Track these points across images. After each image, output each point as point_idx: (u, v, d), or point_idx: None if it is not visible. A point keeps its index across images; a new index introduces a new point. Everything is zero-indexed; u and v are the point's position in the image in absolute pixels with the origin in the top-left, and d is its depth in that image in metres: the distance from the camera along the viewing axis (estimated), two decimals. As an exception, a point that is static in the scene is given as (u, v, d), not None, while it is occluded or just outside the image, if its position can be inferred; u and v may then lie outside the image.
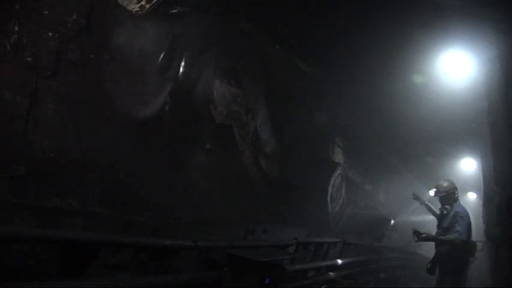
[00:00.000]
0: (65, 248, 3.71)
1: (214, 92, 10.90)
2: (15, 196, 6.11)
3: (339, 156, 15.43)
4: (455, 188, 7.84)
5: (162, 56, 9.44)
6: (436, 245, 7.74)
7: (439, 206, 7.77)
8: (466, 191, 18.98)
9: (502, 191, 7.91)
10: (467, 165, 16.51)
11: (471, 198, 19.00)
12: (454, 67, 9.18)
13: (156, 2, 8.53)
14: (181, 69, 9.96)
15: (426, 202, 8.32)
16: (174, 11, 9.18)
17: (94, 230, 4.72)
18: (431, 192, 7.82)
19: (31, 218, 4.65)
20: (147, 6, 8.52)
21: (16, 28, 7.20)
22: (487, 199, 10.35)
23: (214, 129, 10.65)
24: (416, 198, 8.37)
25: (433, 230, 8.00)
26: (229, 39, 10.44)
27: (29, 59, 7.38)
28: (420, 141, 15.04)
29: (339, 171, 15.01)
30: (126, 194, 7.47)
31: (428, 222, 10.53)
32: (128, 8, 8.43)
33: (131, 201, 7.45)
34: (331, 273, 8.63)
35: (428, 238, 7.62)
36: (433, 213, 8.12)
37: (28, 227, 3.59)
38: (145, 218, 6.91)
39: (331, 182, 14.45)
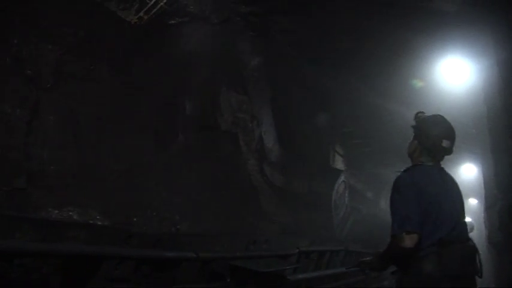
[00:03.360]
0: (68, 262, 3.70)
1: (221, 99, 10.92)
2: (17, 209, 6.09)
3: (339, 164, 15.43)
4: None
5: (164, 65, 9.46)
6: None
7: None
8: (467, 196, 18.97)
9: (504, 197, 7.91)
10: (468, 171, 16.51)
11: (473, 204, 18.97)
12: (453, 73, 9.22)
13: (154, 13, 8.60)
14: (186, 78, 9.99)
15: None
16: (172, 21, 9.22)
17: (96, 243, 4.72)
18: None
19: (33, 232, 4.65)
20: (146, 17, 8.59)
21: (16, 41, 7.23)
22: (489, 205, 10.35)
23: (219, 137, 10.64)
24: None
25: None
26: (234, 46, 10.50)
27: (29, 71, 7.39)
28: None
29: (342, 178, 14.98)
30: (127, 205, 7.45)
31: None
32: (127, 19, 8.48)
33: (132, 212, 7.44)
34: (333, 282, 8.58)
35: None
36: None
37: (30, 242, 3.58)
38: (147, 229, 6.89)
39: (335, 188, 14.41)
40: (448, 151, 3.09)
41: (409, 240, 2.77)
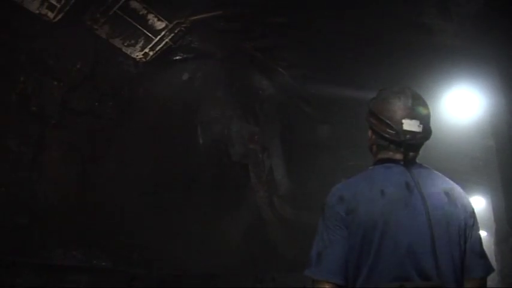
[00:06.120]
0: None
1: (232, 130, 10.93)
2: (18, 248, 5.99)
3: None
4: None
5: (171, 100, 9.48)
6: None
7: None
8: (476, 229, 18.69)
9: (516, 233, 7.78)
10: (476, 203, 16.33)
11: (482, 236, 18.70)
12: (460, 105, 9.18)
13: (159, 49, 8.64)
14: (196, 111, 10.03)
15: None
16: (178, 57, 9.27)
17: (98, 287, 4.61)
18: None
19: (33, 277, 4.54)
20: (151, 53, 8.62)
21: (22, 78, 7.26)
22: (500, 239, 10.20)
23: (229, 169, 10.57)
24: None
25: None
26: (243, 80, 10.59)
27: (34, 108, 7.40)
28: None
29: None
30: (130, 246, 7.34)
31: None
32: (132, 55, 8.52)
33: (136, 253, 7.31)
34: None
35: None
36: None
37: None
38: (150, 271, 6.76)
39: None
40: (418, 136, 2.02)
41: None
